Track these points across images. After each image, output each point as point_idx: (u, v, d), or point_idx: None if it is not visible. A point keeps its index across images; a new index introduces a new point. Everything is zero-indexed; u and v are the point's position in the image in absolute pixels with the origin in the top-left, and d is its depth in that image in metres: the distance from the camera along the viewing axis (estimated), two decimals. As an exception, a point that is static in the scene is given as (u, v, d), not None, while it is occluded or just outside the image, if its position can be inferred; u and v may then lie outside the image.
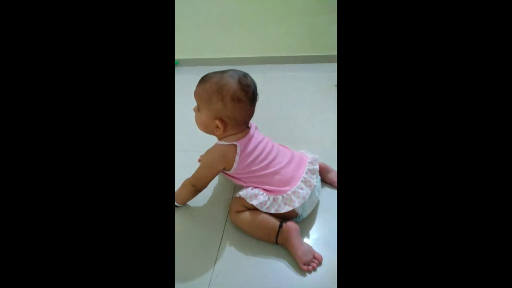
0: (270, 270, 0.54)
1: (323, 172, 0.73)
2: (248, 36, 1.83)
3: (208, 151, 0.63)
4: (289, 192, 0.58)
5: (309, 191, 0.59)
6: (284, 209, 0.57)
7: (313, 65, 1.68)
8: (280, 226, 0.56)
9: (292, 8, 1.63)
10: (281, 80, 1.55)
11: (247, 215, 0.59)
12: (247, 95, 0.57)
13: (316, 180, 0.63)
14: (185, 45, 2.04)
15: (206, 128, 0.62)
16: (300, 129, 1.07)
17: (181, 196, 0.67)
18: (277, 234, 0.56)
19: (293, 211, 0.58)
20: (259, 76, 1.61)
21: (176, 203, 0.69)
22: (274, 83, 1.52)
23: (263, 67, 1.76)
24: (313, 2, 1.58)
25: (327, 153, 0.76)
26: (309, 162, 0.64)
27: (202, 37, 1.99)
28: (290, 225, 0.56)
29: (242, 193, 0.60)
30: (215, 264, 0.57)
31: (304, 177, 0.60)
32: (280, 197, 0.58)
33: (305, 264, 0.53)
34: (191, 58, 2.08)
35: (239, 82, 0.56)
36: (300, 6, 1.61)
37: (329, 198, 0.71)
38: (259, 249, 0.58)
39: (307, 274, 0.53)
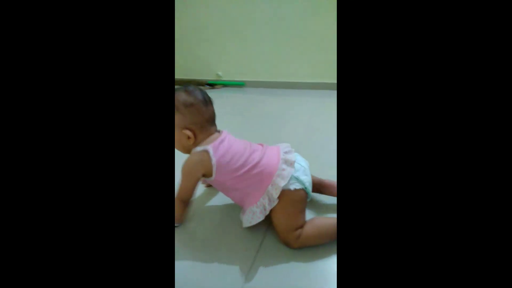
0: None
1: (331, 189, 0.73)
2: (310, 62, 1.97)
3: (185, 162, 0.64)
4: (273, 178, 0.59)
5: (292, 168, 0.61)
6: (278, 193, 0.59)
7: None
8: None
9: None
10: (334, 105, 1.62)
11: (308, 232, 0.60)
12: (196, 98, 0.63)
13: (294, 156, 0.64)
14: (251, 68, 2.29)
15: (181, 144, 0.65)
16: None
17: (176, 214, 0.68)
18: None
19: (303, 193, 0.62)
20: (316, 101, 1.71)
21: (175, 224, 0.69)
22: (329, 107, 1.59)
23: (321, 92, 1.86)
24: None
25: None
26: (282, 148, 0.67)
27: (268, 61, 2.22)
28: None
29: (244, 221, 0.63)
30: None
31: (282, 158, 0.63)
32: (270, 186, 0.59)
33: None
34: (256, 80, 2.32)
35: (185, 90, 0.64)
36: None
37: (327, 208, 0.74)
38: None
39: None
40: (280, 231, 0.61)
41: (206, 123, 0.65)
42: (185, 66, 2.59)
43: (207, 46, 2.41)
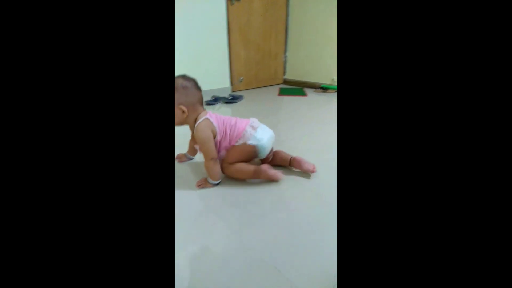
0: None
1: (299, 163, 0.96)
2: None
3: (198, 133, 0.87)
4: (244, 132, 0.90)
5: (254, 131, 0.91)
6: (245, 142, 0.90)
7: None
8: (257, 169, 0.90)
9: None
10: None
11: (233, 166, 0.91)
12: (190, 82, 0.87)
13: (258, 123, 0.94)
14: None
15: (177, 117, 0.87)
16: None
17: (214, 173, 0.90)
18: (255, 174, 0.90)
19: (254, 148, 0.90)
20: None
21: (215, 182, 0.91)
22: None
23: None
24: None
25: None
26: (251, 120, 0.95)
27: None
28: (264, 165, 0.90)
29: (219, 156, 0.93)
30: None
31: (249, 125, 0.92)
32: (240, 139, 0.90)
33: (276, 176, 0.89)
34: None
35: (183, 77, 0.87)
36: None
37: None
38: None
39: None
40: (224, 160, 0.93)
41: (197, 103, 0.89)
42: (302, 68, 2.77)
43: (326, 51, 2.49)
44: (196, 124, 0.87)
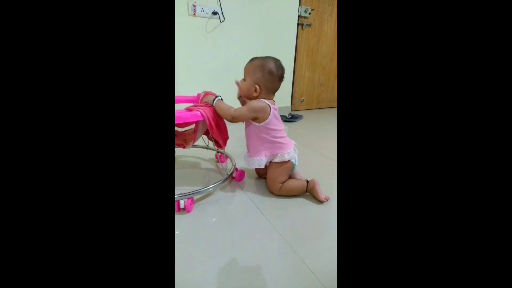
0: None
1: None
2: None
3: (254, 102, 0.87)
4: (289, 150, 0.94)
5: (296, 152, 0.97)
6: (287, 158, 0.93)
7: None
8: (307, 181, 0.95)
9: None
10: None
11: (285, 186, 0.94)
12: (278, 72, 0.86)
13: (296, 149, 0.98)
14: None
15: (248, 91, 0.89)
16: None
17: (223, 109, 0.86)
18: (307, 186, 0.95)
19: (291, 164, 0.95)
20: None
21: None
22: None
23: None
24: None
25: None
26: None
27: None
28: (314, 180, 0.95)
29: (250, 163, 0.96)
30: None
31: (294, 144, 0.98)
32: (285, 153, 0.93)
33: (323, 198, 0.92)
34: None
35: (275, 63, 0.87)
36: None
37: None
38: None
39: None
40: (269, 182, 0.96)
41: (271, 91, 0.91)
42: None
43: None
44: (259, 99, 0.89)
